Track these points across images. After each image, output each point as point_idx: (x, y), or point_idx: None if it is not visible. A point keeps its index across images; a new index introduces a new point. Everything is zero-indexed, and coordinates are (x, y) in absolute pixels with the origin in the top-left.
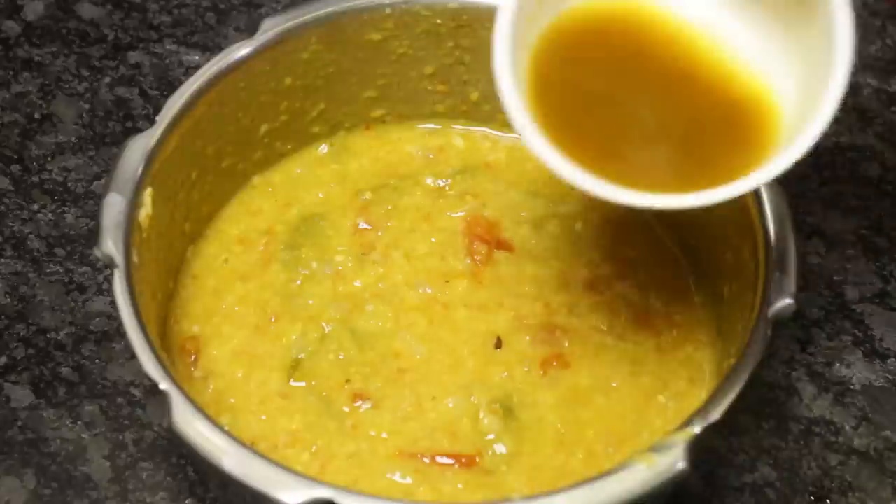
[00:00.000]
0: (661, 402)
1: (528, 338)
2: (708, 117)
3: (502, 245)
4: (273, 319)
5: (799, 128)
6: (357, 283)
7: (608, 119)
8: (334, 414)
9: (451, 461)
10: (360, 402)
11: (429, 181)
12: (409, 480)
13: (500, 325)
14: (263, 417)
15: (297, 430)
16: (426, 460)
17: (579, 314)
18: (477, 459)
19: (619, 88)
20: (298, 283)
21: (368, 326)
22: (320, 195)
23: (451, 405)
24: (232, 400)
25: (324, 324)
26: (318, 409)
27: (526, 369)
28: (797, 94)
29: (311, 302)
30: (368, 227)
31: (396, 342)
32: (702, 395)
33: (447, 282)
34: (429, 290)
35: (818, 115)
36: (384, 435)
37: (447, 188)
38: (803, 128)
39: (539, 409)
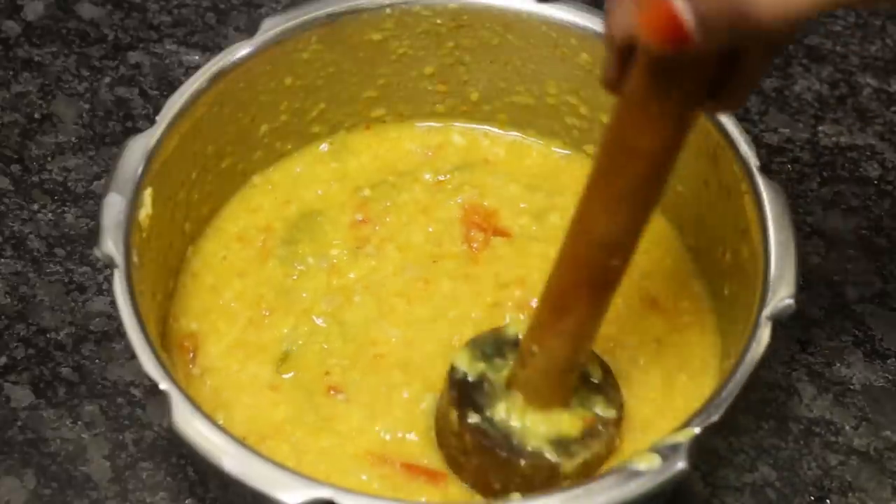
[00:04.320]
0: (682, 382)
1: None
2: None
3: (499, 232)
4: (267, 314)
5: None
6: (351, 276)
7: None
8: (313, 406)
9: (417, 474)
10: (334, 394)
11: (427, 177)
12: (375, 486)
13: (497, 304)
14: (254, 410)
15: (281, 421)
16: (396, 466)
17: None
18: (447, 476)
19: None
20: (294, 277)
21: (354, 317)
22: (319, 192)
23: (426, 399)
24: (227, 395)
25: (314, 317)
26: (300, 401)
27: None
28: None
29: (304, 295)
30: (366, 222)
31: (374, 329)
32: (710, 383)
33: (435, 262)
34: (416, 273)
35: None
36: (354, 432)
37: (446, 183)
38: None
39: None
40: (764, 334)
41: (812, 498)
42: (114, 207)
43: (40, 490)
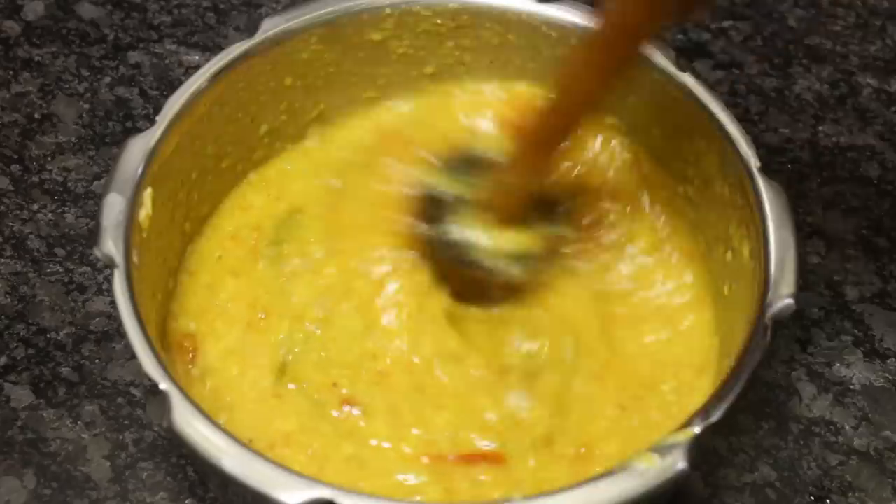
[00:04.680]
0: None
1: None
2: None
3: None
4: (262, 316)
5: None
6: (331, 271)
7: None
8: (327, 418)
9: (475, 461)
10: (348, 408)
11: None
12: (425, 479)
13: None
14: (258, 416)
15: (293, 431)
16: (450, 459)
17: None
18: (506, 457)
19: None
20: (284, 279)
21: (345, 323)
22: (302, 189)
23: (441, 396)
24: (228, 398)
25: (307, 323)
26: (310, 411)
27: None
28: None
29: (294, 299)
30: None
31: (368, 341)
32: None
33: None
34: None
35: None
36: (385, 444)
37: None
38: None
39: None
40: (764, 334)
41: (812, 498)
42: (114, 207)
43: (40, 490)
